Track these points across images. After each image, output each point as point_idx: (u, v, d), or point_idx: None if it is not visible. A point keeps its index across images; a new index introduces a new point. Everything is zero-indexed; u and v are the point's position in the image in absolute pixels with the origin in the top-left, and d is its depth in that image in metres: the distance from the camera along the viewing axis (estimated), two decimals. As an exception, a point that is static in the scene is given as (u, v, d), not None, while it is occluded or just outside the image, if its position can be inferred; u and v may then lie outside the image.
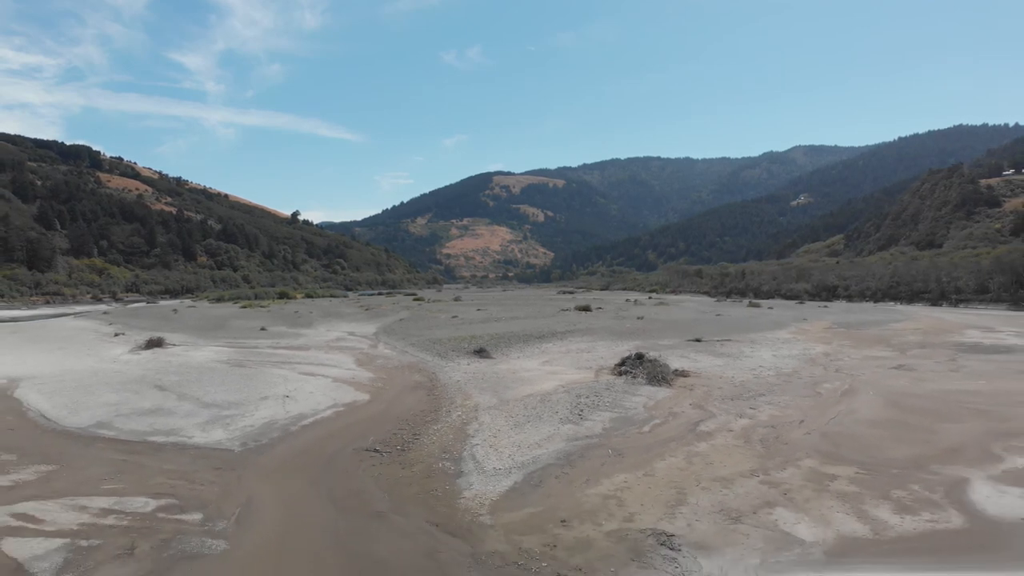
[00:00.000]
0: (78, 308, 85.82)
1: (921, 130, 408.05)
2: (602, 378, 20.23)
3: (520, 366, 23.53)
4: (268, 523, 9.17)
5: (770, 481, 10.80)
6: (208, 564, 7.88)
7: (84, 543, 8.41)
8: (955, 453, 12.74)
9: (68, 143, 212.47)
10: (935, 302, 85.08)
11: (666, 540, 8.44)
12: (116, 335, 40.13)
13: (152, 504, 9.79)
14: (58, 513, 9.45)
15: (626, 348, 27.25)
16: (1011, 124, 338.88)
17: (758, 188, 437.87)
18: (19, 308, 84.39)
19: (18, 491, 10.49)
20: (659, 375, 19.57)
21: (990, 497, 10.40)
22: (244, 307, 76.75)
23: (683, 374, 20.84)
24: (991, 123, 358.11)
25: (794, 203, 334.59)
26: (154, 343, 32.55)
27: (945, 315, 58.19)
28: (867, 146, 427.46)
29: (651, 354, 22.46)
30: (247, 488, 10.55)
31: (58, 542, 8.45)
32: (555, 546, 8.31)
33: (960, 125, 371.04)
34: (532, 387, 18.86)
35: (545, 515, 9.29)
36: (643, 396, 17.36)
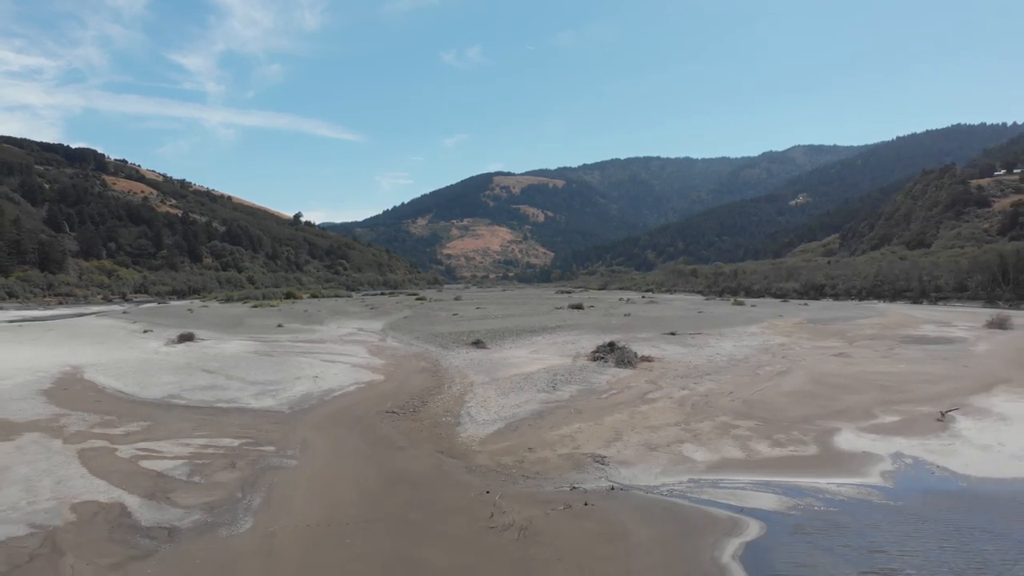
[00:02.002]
0: (93, 308, 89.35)
1: (920, 129, 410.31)
2: (578, 362, 24.00)
3: (511, 354, 27.30)
4: (322, 452, 12.95)
5: (688, 429, 14.57)
6: (287, 472, 11.64)
7: (198, 462, 12.18)
8: (841, 413, 16.48)
9: (73, 146, 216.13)
10: (916, 300, 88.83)
11: (599, 459, 12.20)
12: (145, 331, 43.84)
13: (236, 442, 13.56)
14: (170, 447, 13.22)
15: (606, 340, 30.96)
16: (1009, 123, 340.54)
17: (757, 188, 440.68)
18: (35, 308, 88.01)
19: (132, 436, 14.24)
20: (626, 359, 23.34)
21: (848, 439, 14.15)
22: (255, 306, 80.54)
23: (648, 359, 24.60)
24: (989, 122, 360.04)
25: (792, 203, 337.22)
26: (185, 337, 36.33)
27: (916, 312, 61.95)
28: (866, 145, 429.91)
29: (622, 343, 26.23)
30: (301, 434, 14.32)
31: (180, 462, 12.22)
32: (523, 461, 12.08)
33: (958, 125, 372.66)
34: (519, 369, 22.64)
35: (518, 445, 13.07)
36: (608, 375, 21.15)
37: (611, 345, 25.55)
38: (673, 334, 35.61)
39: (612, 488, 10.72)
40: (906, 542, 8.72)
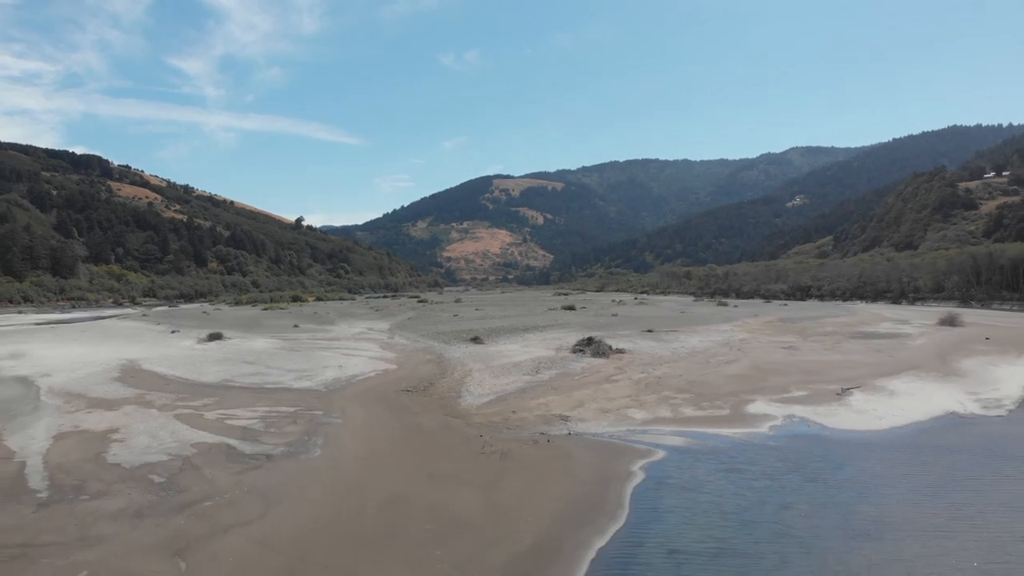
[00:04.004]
0: (108, 312, 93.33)
1: (917, 131, 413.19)
2: (560, 354, 28.35)
3: (505, 348, 31.63)
4: (358, 414, 17.28)
5: (636, 400, 18.90)
6: (335, 426, 15.97)
7: (268, 420, 16.51)
8: (762, 389, 20.79)
9: (78, 152, 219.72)
10: (896, 300, 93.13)
11: (564, 417, 16.55)
12: (172, 332, 48.10)
13: (291, 409, 17.89)
14: (243, 413, 17.53)
15: (588, 336, 35.27)
16: (1004, 124, 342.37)
17: (755, 189, 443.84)
18: (52, 312, 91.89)
19: (209, 407, 18.52)
20: (600, 351, 27.66)
21: (757, 406, 18.47)
22: (265, 309, 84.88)
23: (620, 351, 28.92)
24: (985, 123, 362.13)
25: (790, 204, 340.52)
26: (215, 336, 40.63)
27: (886, 311, 66.29)
28: (863, 147, 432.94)
29: (599, 338, 30.56)
30: (339, 404, 18.65)
31: (254, 420, 16.54)
32: (507, 419, 16.42)
33: (954, 126, 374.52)
34: (510, 359, 26.99)
35: (505, 410, 17.42)
36: (584, 363, 25.50)
37: (589, 340, 29.89)
38: (650, 331, 39.93)
39: (569, 434, 15.06)
40: (758, 460, 13.06)
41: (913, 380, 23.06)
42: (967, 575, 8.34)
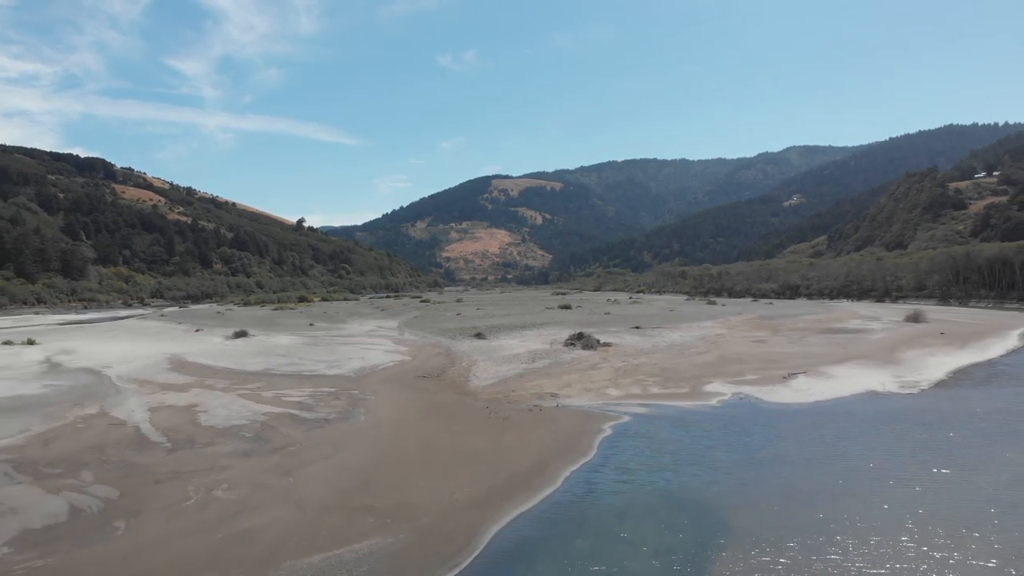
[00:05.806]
0: (123, 312, 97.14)
1: (914, 130, 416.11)
2: (554, 347, 32.40)
3: (505, 343, 35.66)
4: (388, 393, 21.32)
5: (614, 382, 22.95)
6: (371, 402, 19.99)
7: (317, 397, 20.51)
8: (721, 374, 24.81)
9: (82, 155, 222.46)
10: (880, 299, 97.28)
11: (554, 395, 20.59)
12: (197, 330, 51.92)
13: (332, 389, 21.91)
14: (293, 393, 21.54)
15: (581, 332, 39.26)
16: (1000, 123, 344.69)
17: (753, 189, 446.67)
18: (67, 312, 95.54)
19: (262, 388, 22.51)
20: (589, 344, 31.70)
21: (713, 386, 22.50)
22: (276, 309, 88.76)
23: (607, 345, 32.95)
24: (981, 122, 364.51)
25: (787, 203, 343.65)
26: (240, 334, 44.55)
27: (863, 309, 70.38)
28: (860, 146, 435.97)
29: (589, 333, 34.59)
30: (370, 386, 22.68)
31: (305, 397, 20.55)
32: (508, 396, 20.47)
33: (951, 125, 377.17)
34: (509, 351, 31.04)
35: (505, 389, 21.47)
36: (574, 354, 29.55)
37: (580, 335, 33.94)
38: (637, 328, 43.96)
39: (557, 406, 19.12)
40: (700, 421, 17.13)
41: (854, 367, 27.07)
42: (824, 485, 12.35)
